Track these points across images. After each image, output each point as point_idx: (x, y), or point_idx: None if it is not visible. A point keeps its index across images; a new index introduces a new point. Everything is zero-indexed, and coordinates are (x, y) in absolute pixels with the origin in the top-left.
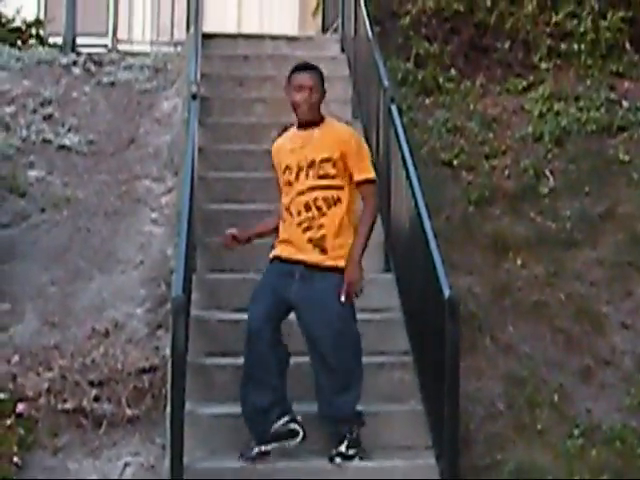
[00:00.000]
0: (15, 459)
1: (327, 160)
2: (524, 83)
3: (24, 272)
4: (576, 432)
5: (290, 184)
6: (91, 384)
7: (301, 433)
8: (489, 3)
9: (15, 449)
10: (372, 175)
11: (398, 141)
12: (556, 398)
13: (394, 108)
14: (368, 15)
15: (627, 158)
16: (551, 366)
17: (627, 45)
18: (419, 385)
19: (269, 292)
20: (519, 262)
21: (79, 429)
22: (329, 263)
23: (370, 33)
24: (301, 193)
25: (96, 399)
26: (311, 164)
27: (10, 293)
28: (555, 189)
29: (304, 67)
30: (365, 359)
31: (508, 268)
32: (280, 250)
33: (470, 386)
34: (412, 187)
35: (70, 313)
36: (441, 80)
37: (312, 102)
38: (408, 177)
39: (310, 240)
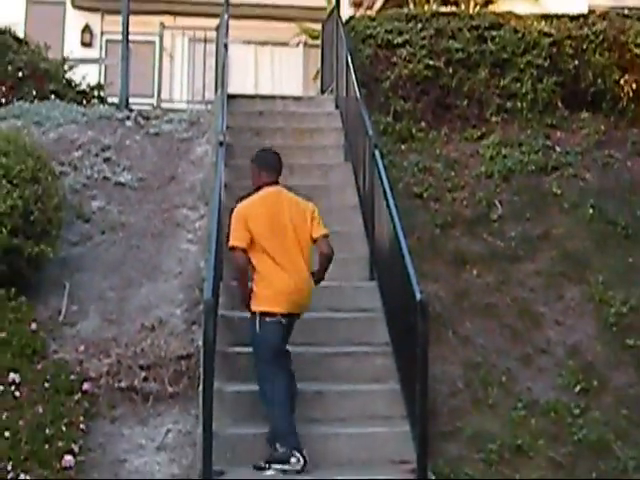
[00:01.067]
0: (81, 426)
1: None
2: (478, 133)
3: (89, 281)
4: (519, 405)
5: None
6: (141, 368)
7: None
8: (451, 70)
9: (81, 418)
10: (327, 231)
11: (380, 178)
12: (504, 379)
13: (377, 152)
14: (356, 80)
15: (559, 192)
16: (500, 354)
17: (559, 103)
18: (397, 369)
19: None
20: (475, 273)
21: (131, 403)
22: None
23: (358, 94)
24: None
25: (145, 379)
26: None
27: (78, 297)
28: (503, 216)
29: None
30: (354, 348)
31: (466, 277)
32: None
33: (436, 370)
34: (391, 214)
35: (124, 312)
36: (414, 131)
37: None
38: (388, 206)
39: None
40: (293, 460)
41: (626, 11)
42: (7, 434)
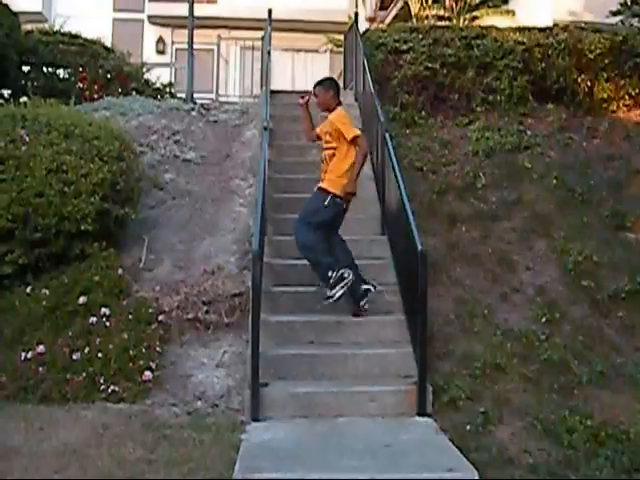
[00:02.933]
0: (157, 349)
1: (327, 132)
2: (466, 120)
3: (163, 236)
4: (498, 332)
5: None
6: (203, 303)
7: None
8: (445, 71)
9: (157, 343)
10: (355, 133)
11: (389, 155)
12: (486, 312)
13: (387, 135)
14: (371, 78)
15: (530, 166)
16: (483, 292)
17: (530, 97)
18: (402, 304)
19: None
20: (463, 229)
21: (196, 330)
22: (319, 185)
23: (372, 89)
24: (322, 149)
25: (206, 312)
26: (324, 134)
27: (154, 248)
28: (486, 185)
29: (316, 84)
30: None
31: (457, 233)
32: None
33: (433, 304)
34: (398, 183)
35: (190, 260)
36: (416, 118)
37: (318, 102)
38: (396, 177)
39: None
40: (346, 274)
41: (583, 25)
42: (100, 355)
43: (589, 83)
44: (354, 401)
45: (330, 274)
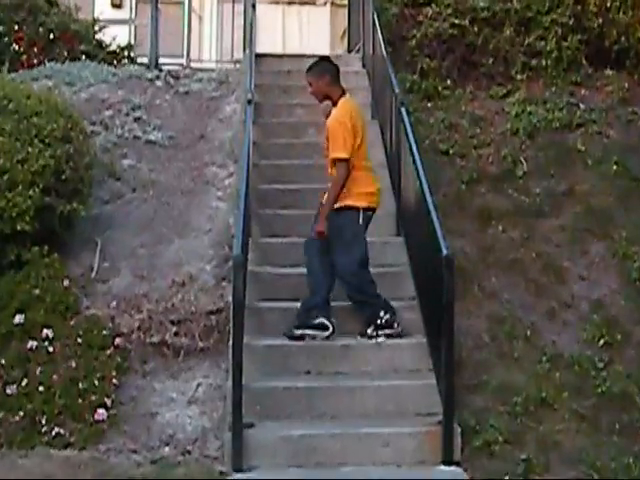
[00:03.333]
0: (114, 380)
1: (325, 137)
2: (504, 90)
3: (120, 238)
4: (544, 359)
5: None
6: (171, 323)
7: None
8: (476, 29)
9: (114, 373)
10: (337, 155)
11: (406, 135)
12: (528, 333)
13: (403, 110)
14: (383, 38)
15: (583, 148)
16: (524, 308)
17: (583, 61)
18: (423, 322)
19: None
20: (500, 228)
21: (163, 357)
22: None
23: (384, 52)
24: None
25: (176, 334)
26: (325, 139)
27: (110, 254)
28: (528, 172)
29: (307, 70)
30: None
31: (492, 233)
32: None
33: (462, 323)
34: (417, 170)
35: (155, 269)
36: (439, 88)
37: (312, 92)
38: (414, 162)
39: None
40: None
41: None
42: (41, 389)
43: None
44: (362, 446)
45: (382, 314)
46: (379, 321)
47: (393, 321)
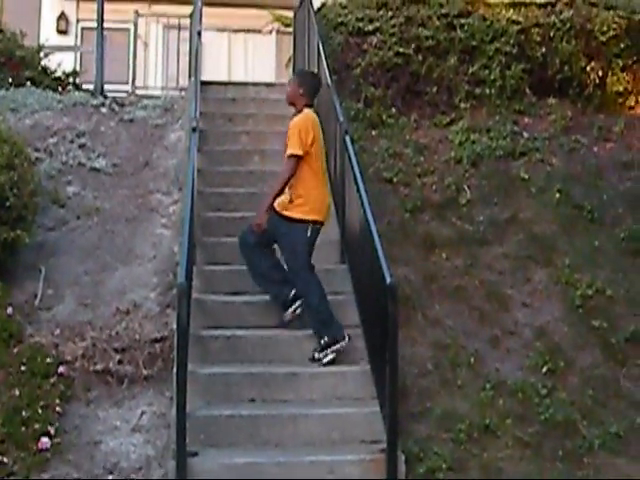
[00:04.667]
0: (57, 408)
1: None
2: (447, 119)
3: (64, 265)
4: (487, 386)
5: None
6: (115, 351)
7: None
8: (421, 57)
9: (57, 401)
10: (291, 151)
11: (351, 163)
12: (472, 360)
13: (348, 138)
14: (328, 67)
15: (527, 176)
16: (468, 335)
17: (527, 90)
18: (367, 350)
19: None
20: (444, 256)
21: (106, 385)
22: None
23: (329, 81)
24: None
25: (119, 362)
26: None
27: (53, 281)
28: (471, 200)
29: (296, 72)
30: None
31: (435, 261)
32: None
33: (406, 351)
34: (361, 198)
35: (99, 296)
36: (384, 117)
37: (287, 92)
38: (358, 191)
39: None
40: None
41: None
42: None
43: (600, 73)
44: (307, 474)
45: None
46: (322, 341)
47: (337, 337)
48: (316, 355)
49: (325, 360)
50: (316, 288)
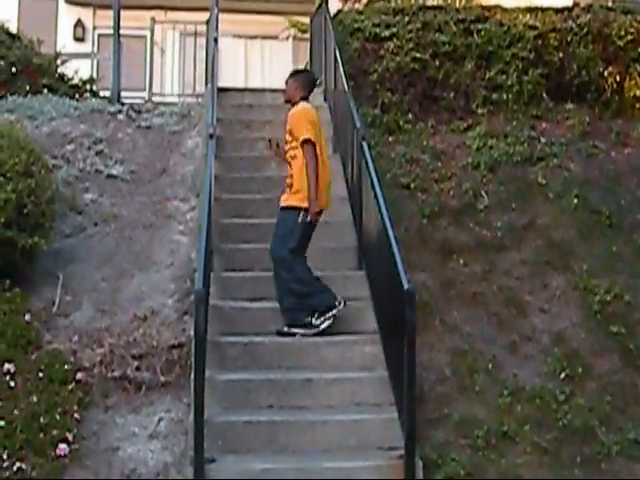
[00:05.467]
0: (75, 415)
1: (287, 131)
2: (465, 124)
3: (82, 272)
4: (505, 392)
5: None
6: (133, 357)
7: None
8: (437, 63)
9: (75, 407)
10: (304, 136)
11: (368, 169)
12: (490, 366)
13: (365, 144)
14: (344, 73)
15: (544, 182)
16: (486, 341)
17: (544, 95)
18: (385, 356)
19: None
20: (461, 262)
21: (124, 392)
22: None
23: (346, 86)
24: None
25: (137, 369)
26: (286, 133)
27: (71, 287)
28: (489, 206)
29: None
30: (343, 337)
31: (453, 267)
32: None
33: (424, 357)
34: (379, 205)
35: (117, 303)
36: (401, 122)
37: (284, 94)
38: (376, 197)
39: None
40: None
41: (610, 4)
42: (2, 423)
43: (618, 77)
44: None
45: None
46: (321, 308)
47: (333, 303)
48: (314, 321)
49: (322, 326)
50: (298, 271)
